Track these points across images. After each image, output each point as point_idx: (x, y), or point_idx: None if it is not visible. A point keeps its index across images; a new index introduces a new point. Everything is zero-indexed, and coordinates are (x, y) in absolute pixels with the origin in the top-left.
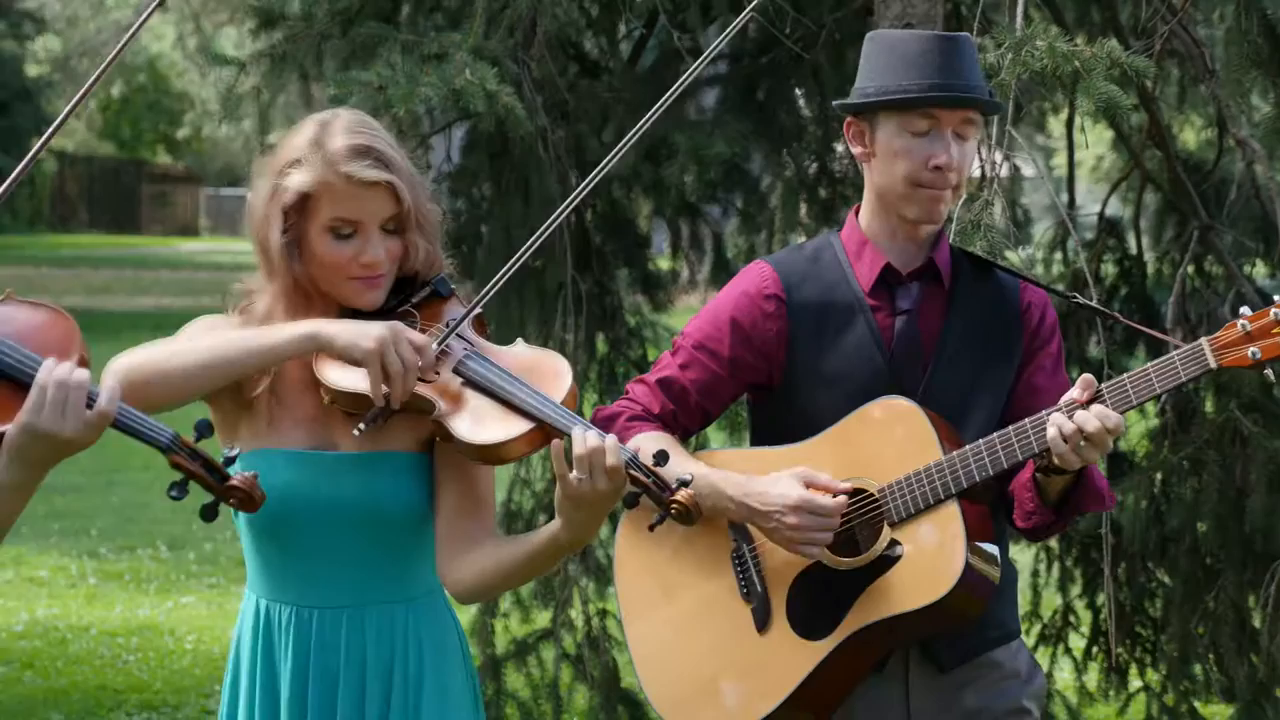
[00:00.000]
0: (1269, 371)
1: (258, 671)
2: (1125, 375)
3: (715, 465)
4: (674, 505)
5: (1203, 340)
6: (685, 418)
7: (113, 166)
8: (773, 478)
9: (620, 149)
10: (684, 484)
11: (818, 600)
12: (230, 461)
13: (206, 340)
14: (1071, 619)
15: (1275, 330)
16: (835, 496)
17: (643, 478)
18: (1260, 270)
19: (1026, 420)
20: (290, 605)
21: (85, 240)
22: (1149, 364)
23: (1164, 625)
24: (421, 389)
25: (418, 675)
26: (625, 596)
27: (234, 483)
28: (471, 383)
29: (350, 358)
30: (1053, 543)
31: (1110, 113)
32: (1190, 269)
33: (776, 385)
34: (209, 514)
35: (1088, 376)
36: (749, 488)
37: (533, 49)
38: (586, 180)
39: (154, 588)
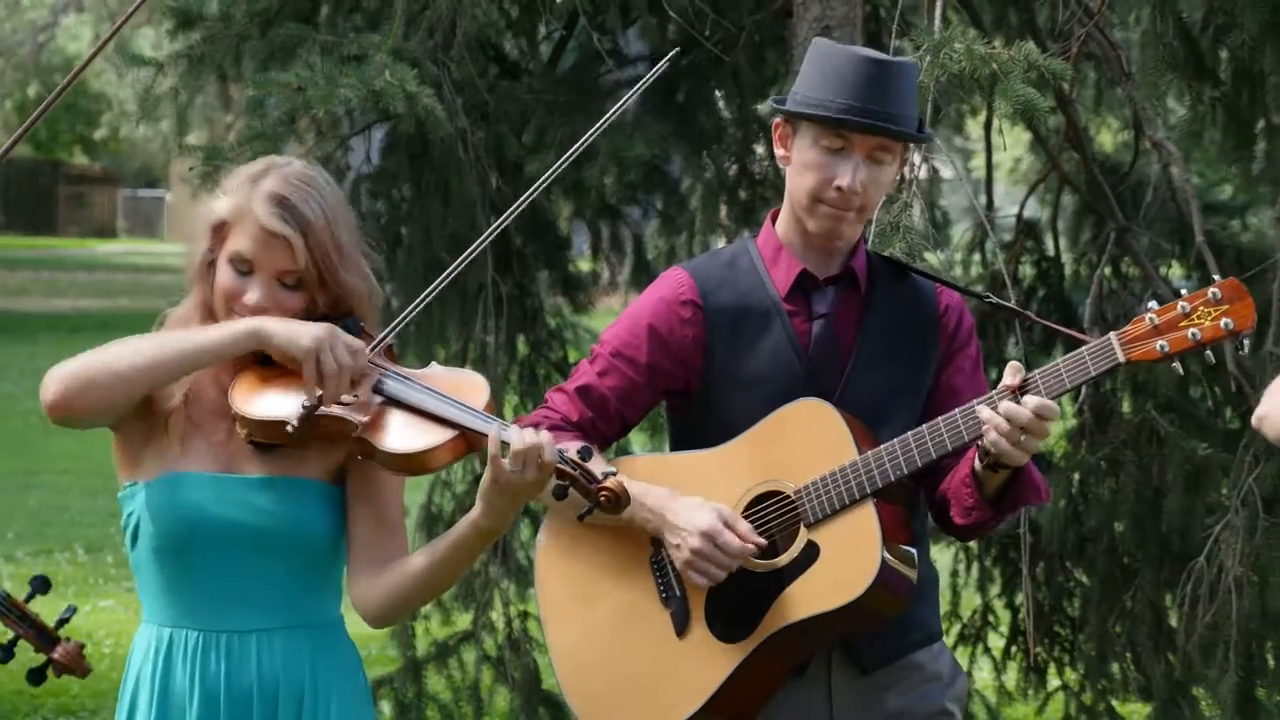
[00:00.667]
0: (1177, 365)
1: (154, 703)
2: (1035, 371)
3: (635, 473)
4: (603, 493)
5: (1111, 335)
6: (604, 425)
7: (29, 167)
8: (697, 501)
9: (539, 186)
10: (610, 474)
11: (736, 603)
12: (63, 623)
13: (147, 342)
14: (990, 619)
15: (1182, 324)
16: (748, 544)
17: (570, 470)
18: (1176, 271)
19: (939, 419)
20: (197, 630)
21: (1, 241)
22: (1059, 359)
23: (1082, 624)
24: (340, 410)
25: (326, 705)
26: (546, 601)
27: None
28: (391, 399)
29: (288, 354)
30: (972, 543)
31: (1028, 115)
32: (1107, 270)
33: (694, 391)
34: (36, 678)
35: (1015, 364)
36: (668, 503)
37: (452, 50)
38: (501, 219)
39: (71, 591)
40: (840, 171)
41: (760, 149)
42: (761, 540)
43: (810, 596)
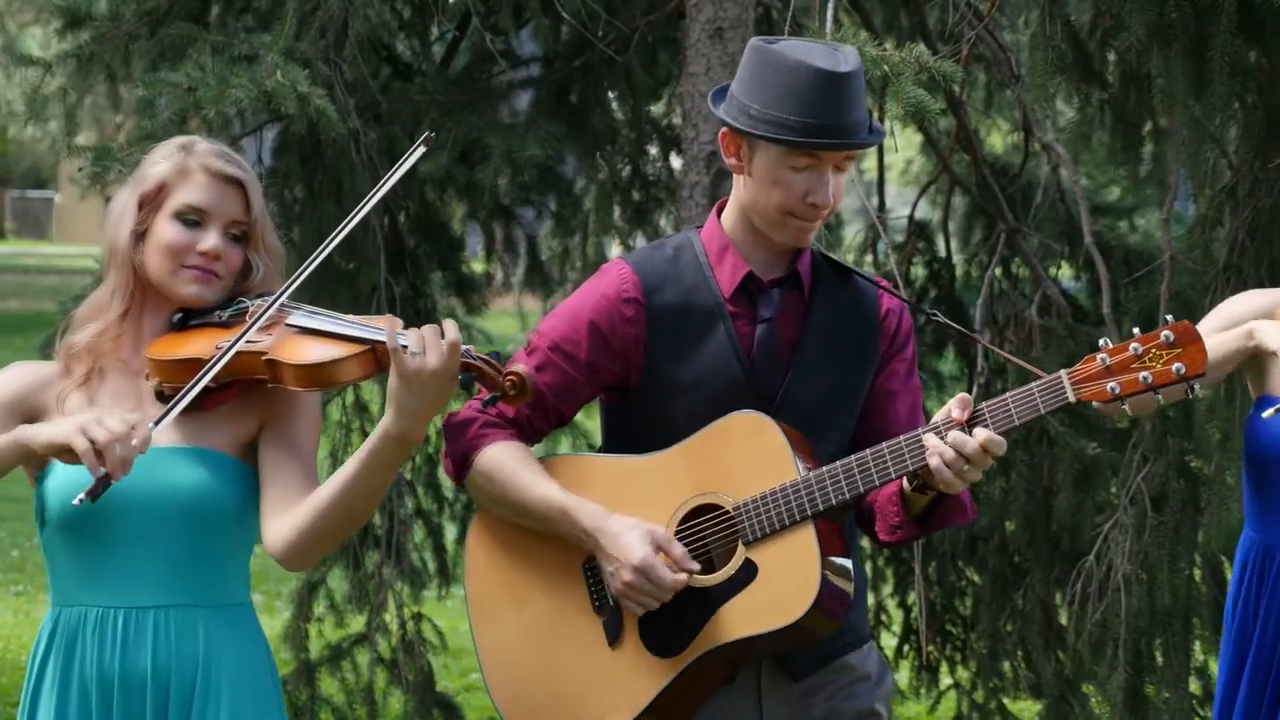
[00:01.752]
0: (1126, 407)
1: (56, 691)
2: (984, 404)
3: (574, 473)
4: (509, 378)
5: (1062, 373)
6: (540, 420)
7: None
8: (630, 525)
9: (354, 216)
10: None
11: (671, 617)
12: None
13: None
14: (883, 618)
15: (1134, 365)
16: (680, 573)
17: (477, 362)
18: (1065, 272)
19: (884, 446)
20: (96, 607)
21: None
22: (1007, 394)
23: (973, 623)
24: (247, 346)
25: (219, 686)
26: (475, 601)
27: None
28: (300, 329)
29: (55, 448)
30: (864, 542)
31: (919, 116)
32: (997, 271)
33: (633, 388)
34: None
35: (964, 396)
36: (603, 525)
37: (344, 51)
38: (327, 241)
39: None
40: (813, 187)
41: (654, 150)
42: (696, 565)
43: (747, 616)
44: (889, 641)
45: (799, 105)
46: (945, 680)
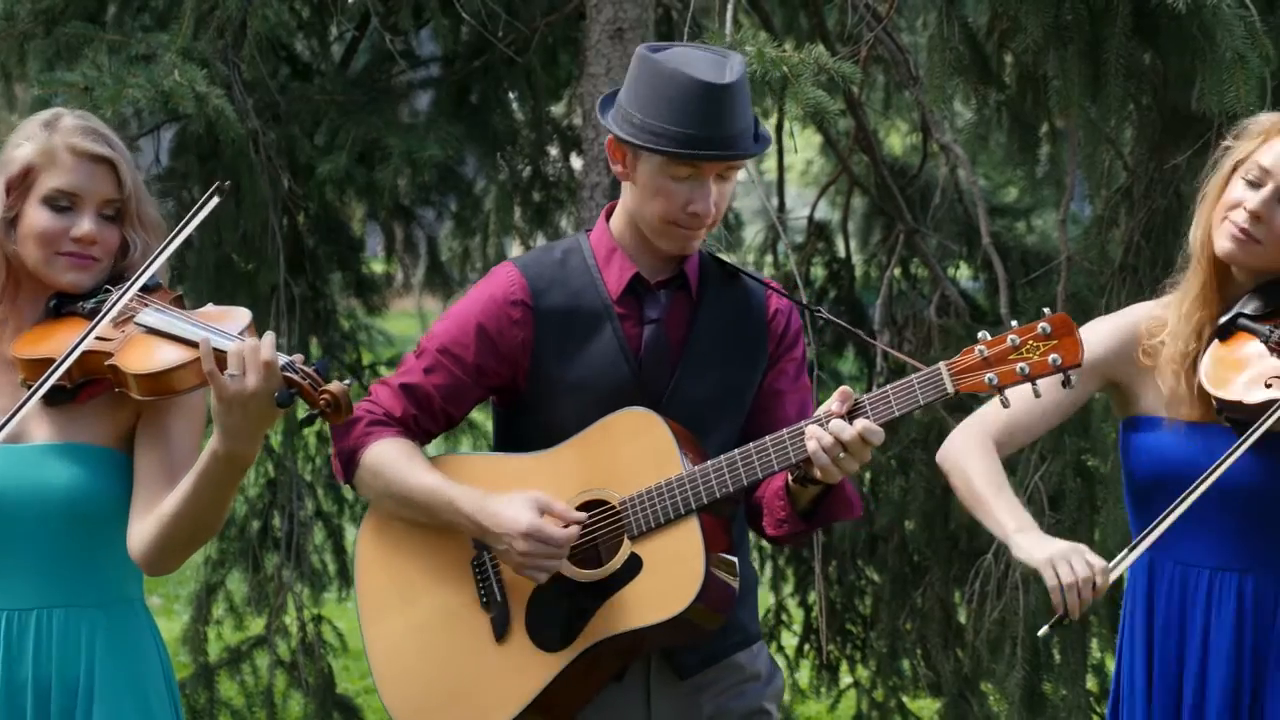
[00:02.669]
0: (1005, 397)
1: None
2: (865, 396)
3: (461, 473)
4: (324, 396)
5: (941, 365)
6: (428, 421)
7: None
8: (508, 499)
9: (150, 265)
10: (346, 382)
11: (557, 611)
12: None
13: None
14: (784, 617)
15: (1011, 357)
16: (569, 526)
17: (298, 378)
18: (964, 273)
19: (768, 439)
20: None
21: None
22: (888, 386)
23: (873, 622)
24: (96, 345)
25: (102, 689)
26: (364, 600)
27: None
28: (148, 329)
29: None
30: (764, 542)
31: (818, 117)
32: (896, 271)
33: (522, 390)
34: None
35: (845, 389)
36: (483, 506)
37: (243, 50)
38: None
39: None
40: (694, 197)
41: (554, 151)
42: (581, 515)
43: (633, 609)
44: (790, 641)
45: (680, 116)
46: (845, 679)
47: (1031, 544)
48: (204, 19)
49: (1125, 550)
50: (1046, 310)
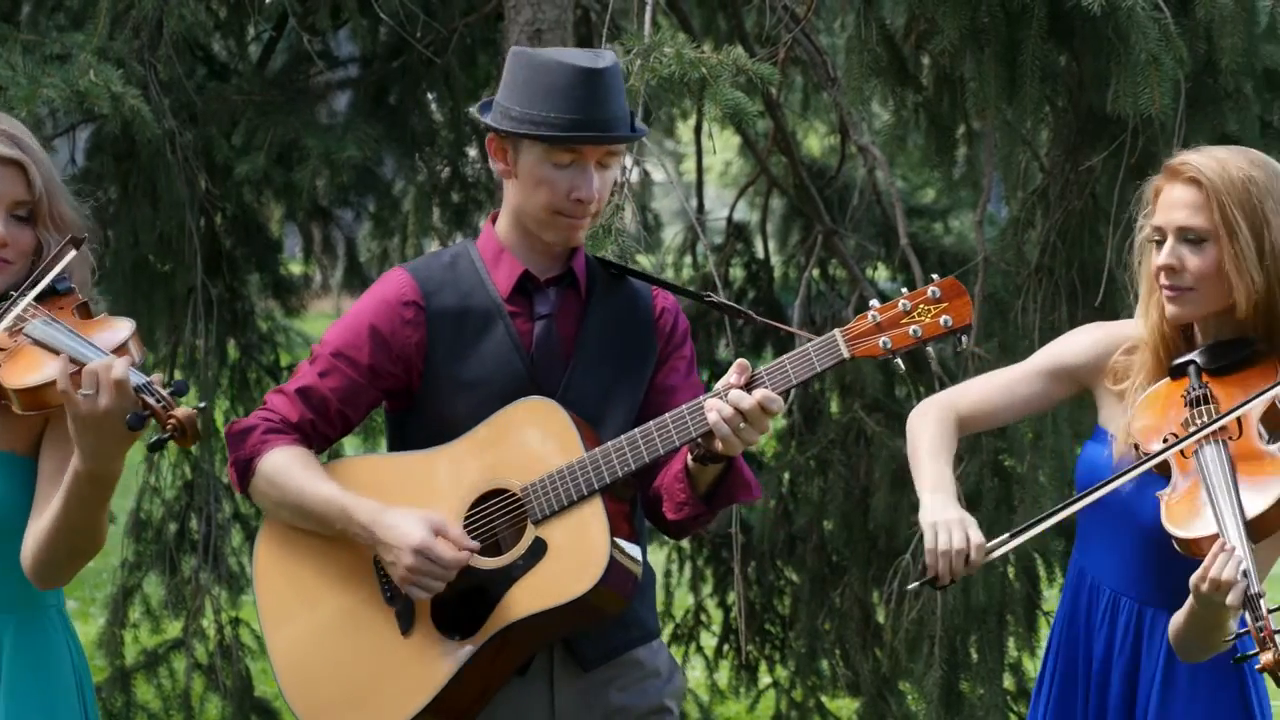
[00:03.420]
0: (899, 361)
1: None
2: (762, 368)
3: (358, 475)
4: (170, 421)
5: (835, 331)
6: (325, 426)
7: None
8: (404, 514)
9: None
10: (200, 407)
11: (462, 601)
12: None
13: None
14: (703, 618)
15: (904, 321)
16: (462, 551)
17: (151, 401)
18: (882, 273)
19: (667, 415)
20: None
21: None
22: (784, 356)
23: (792, 622)
24: None
25: (9, 692)
26: (265, 606)
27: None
28: (34, 340)
29: None
30: (684, 543)
31: (737, 119)
32: (815, 272)
33: (416, 391)
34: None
35: (742, 361)
36: (379, 519)
37: (159, 50)
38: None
39: None
40: (577, 183)
41: (473, 152)
42: (475, 544)
43: (537, 592)
44: (709, 641)
45: (557, 102)
46: (764, 679)
47: (931, 505)
48: (120, 19)
49: (1004, 536)
50: (935, 276)
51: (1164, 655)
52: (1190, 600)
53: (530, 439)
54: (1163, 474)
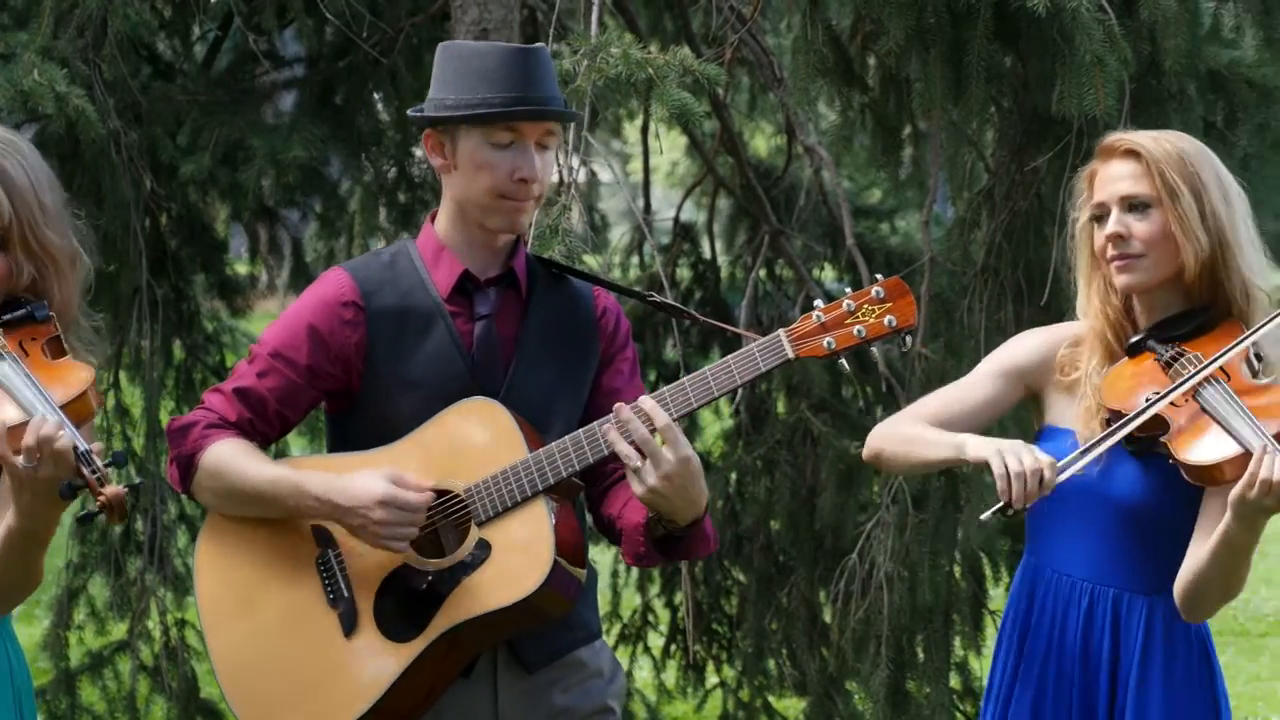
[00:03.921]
0: (844, 361)
1: None
2: (706, 369)
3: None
4: (101, 499)
5: (780, 332)
6: (264, 425)
7: None
8: (357, 474)
9: None
10: (134, 485)
11: (406, 603)
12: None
13: None
14: (650, 618)
15: (848, 321)
16: (424, 491)
17: (87, 473)
18: (829, 274)
19: (610, 417)
20: None
21: None
22: (728, 356)
23: (739, 622)
24: None
25: None
26: (206, 609)
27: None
28: None
29: None
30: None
31: (683, 119)
32: (762, 273)
33: (356, 392)
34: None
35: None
36: (333, 484)
37: (104, 50)
38: None
39: None
40: (519, 163)
41: (420, 152)
42: (428, 484)
43: (482, 593)
44: (656, 642)
45: (492, 84)
46: (712, 679)
47: (981, 441)
48: (64, 18)
49: (1076, 452)
50: (879, 276)
51: (1140, 644)
52: (1226, 523)
53: (473, 440)
54: (1137, 446)
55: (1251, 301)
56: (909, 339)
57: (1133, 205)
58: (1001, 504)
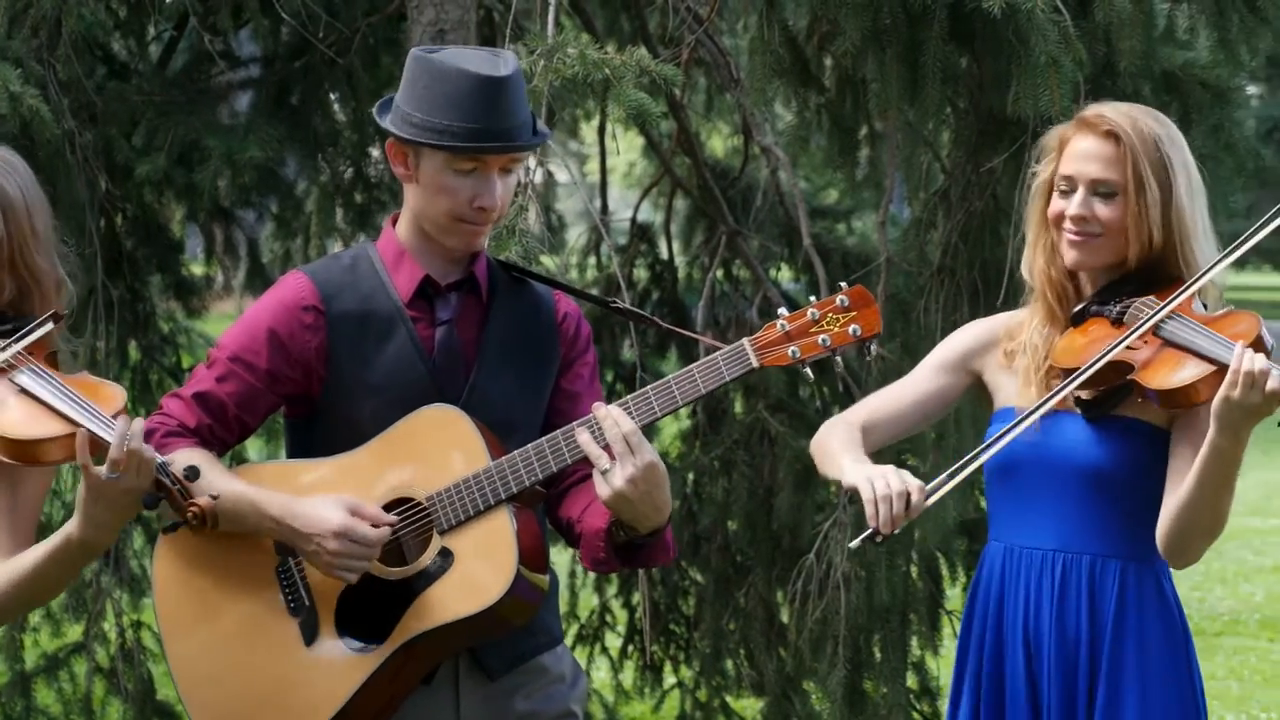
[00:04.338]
0: (808, 370)
1: None
2: (670, 377)
3: (260, 480)
4: (191, 509)
5: (744, 340)
6: (223, 431)
7: None
8: (316, 500)
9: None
10: (213, 496)
11: (367, 612)
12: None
13: None
14: (608, 619)
15: (813, 330)
16: (379, 528)
17: (168, 482)
18: (785, 274)
19: (574, 424)
20: None
21: None
22: (692, 365)
23: (697, 622)
24: None
25: None
26: (164, 614)
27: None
28: (22, 390)
29: None
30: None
31: (640, 120)
32: (719, 273)
33: (317, 396)
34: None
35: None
36: (292, 509)
37: (58, 50)
38: None
39: None
40: (480, 191)
41: (376, 152)
42: (391, 518)
43: (444, 603)
44: (614, 642)
45: (459, 111)
46: (669, 679)
47: (853, 466)
48: (18, 18)
49: (942, 477)
50: (843, 284)
51: (1114, 609)
52: (1211, 440)
53: (435, 447)
54: (1096, 408)
55: (1186, 263)
56: (873, 347)
57: (1099, 190)
58: (870, 530)
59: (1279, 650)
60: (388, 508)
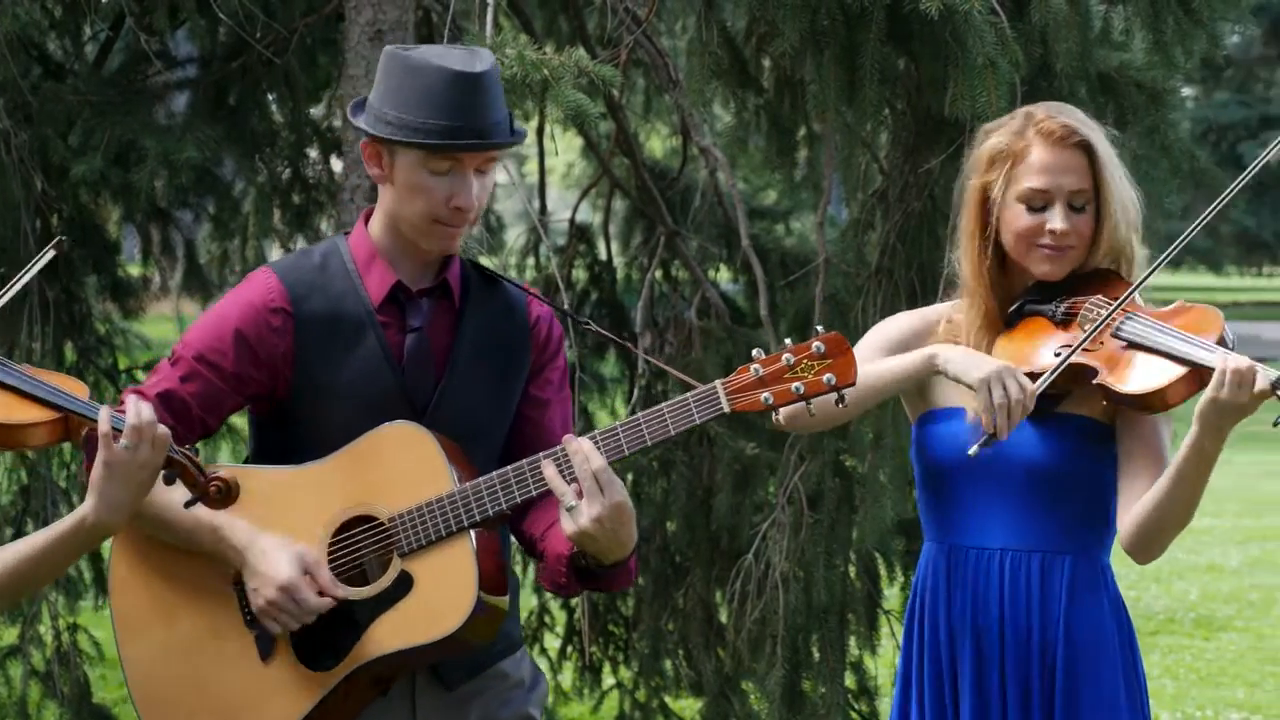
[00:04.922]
0: (779, 417)
1: None
2: (640, 415)
3: None
4: (215, 483)
5: (717, 384)
6: (185, 430)
7: None
8: (280, 543)
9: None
10: (221, 479)
11: (325, 630)
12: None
13: None
14: (547, 619)
15: (786, 376)
16: (324, 596)
17: (178, 458)
18: (724, 275)
19: (543, 454)
20: None
21: None
22: (663, 405)
23: (635, 623)
24: None
25: None
26: (121, 615)
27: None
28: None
29: None
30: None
31: (579, 120)
32: (658, 274)
33: (282, 398)
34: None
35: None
36: (254, 542)
37: None
38: None
39: None
40: (456, 191)
41: (314, 153)
42: (342, 591)
43: (403, 628)
44: (552, 643)
45: (435, 109)
46: (608, 680)
47: (965, 360)
48: None
49: (1049, 373)
50: (820, 328)
51: (1065, 603)
52: (1195, 439)
53: (400, 467)
54: (1041, 405)
55: (1128, 263)
56: (847, 396)
57: (1074, 204)
58: (988, 435)
59: (1213, 649)
60: (349, 524)
